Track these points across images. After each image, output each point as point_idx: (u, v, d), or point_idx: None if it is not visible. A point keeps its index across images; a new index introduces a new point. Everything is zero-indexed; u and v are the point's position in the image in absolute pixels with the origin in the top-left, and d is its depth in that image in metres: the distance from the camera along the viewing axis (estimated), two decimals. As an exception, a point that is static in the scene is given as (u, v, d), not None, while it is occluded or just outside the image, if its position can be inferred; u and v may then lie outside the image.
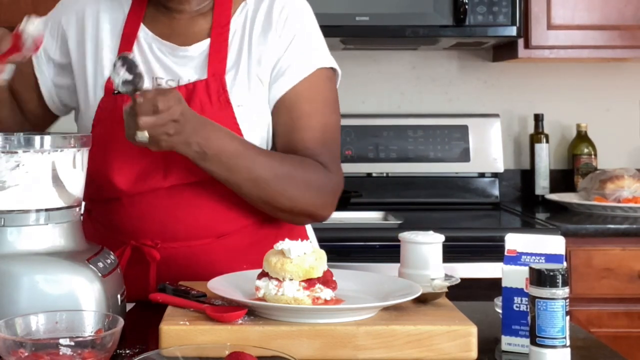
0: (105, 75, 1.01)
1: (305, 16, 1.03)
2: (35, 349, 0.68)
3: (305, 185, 0.97)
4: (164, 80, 1.00)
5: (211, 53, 0.99)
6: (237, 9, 1.02)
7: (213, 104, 0.97)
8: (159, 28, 1.03)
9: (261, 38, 1.00)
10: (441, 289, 0.84)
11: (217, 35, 1.00)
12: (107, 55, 1.02)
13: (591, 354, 0.79)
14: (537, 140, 2.11)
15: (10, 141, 0.78)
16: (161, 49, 1.01)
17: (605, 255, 1.70)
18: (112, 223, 1.02)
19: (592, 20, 1.92)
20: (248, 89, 0.99)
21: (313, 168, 0.98)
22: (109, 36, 1.03)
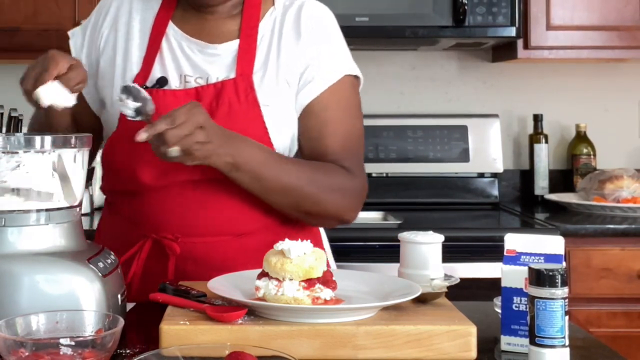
0: (133, 72, 1.03)
1: (330, 25, 1.08)
2: (36, 349, 0.68)
3: (330, 190, 1.00)
4: (192, 77, 1.02)
5: (240, 53, 1.01)
6: (265, 13, 1.05)
7: (241, 103, 0.99)
8: (189, 27, 1.04)
9: (290, 44, 1.03)
10: (441, 289, 0.84)
11: (246, 37, 1.02)
12: (136, 53, 1.04)
13: (590, 353, 0.79)
14: (537, 141, 2.12)
15: (10, 141, 0.79)
16: (190, 47, 1.03)
17: (604, 255, 1.70)
18: (134, 216, 1.02)
19: (591, 20, 1.93)
20: (275, 90, 1.01)
21: (337, 173, 1.01)
22: (139, 34, 1.04)
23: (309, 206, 1.00)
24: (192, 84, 1.01)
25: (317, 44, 1.04)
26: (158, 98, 0.99)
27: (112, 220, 1.07)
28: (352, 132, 1.05)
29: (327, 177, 1.01)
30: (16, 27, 1.89)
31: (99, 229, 1.12)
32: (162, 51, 1.03)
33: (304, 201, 0.99)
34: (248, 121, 0.98)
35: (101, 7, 1.10)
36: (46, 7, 1.89)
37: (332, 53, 1.05)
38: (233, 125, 0.98)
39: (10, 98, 2.10)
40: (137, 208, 1.02)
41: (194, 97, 0.99)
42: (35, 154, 0.79)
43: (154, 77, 1.02)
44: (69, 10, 1.89)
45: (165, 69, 1.03)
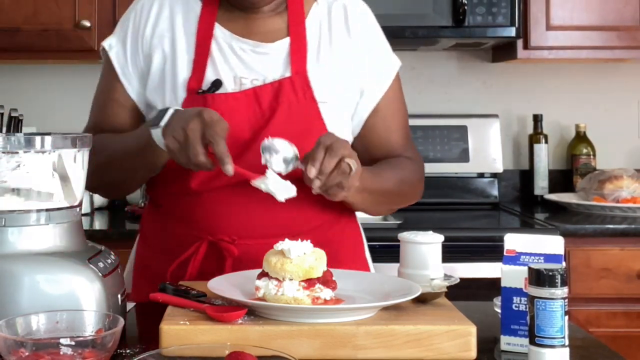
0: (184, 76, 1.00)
1: (374, 20, 1.09)
2: (36, 349, 0.68)
3: (412, 184, 1.08)
4: (247, 79, 1.00)
5: (292, 51, 1.01)
6: (309, 9, 1.05)
7: (299, 102, 0.99)
8: (236, 27, 1.03)
9: (341, 41, 1.04)
10: (440, 289, 0.84)
11: (296, 34, 1.02)
12: (184, 57, 1.01)
13: (590, 353, 0.79)
14: (536, 141, 2.12)
15: (10, 141, 0.79)
16: (241, 47, 1.02)
17: (604, 255, 1.70)
18: (189, 217, 1.01)
19: (590, 21, 1.93)
20: (331, 86, 1.02)
21: (410, 166, 1.08)
22: (184, 38, 1.02)
23: (398, 203, 1.07)
24: (248, 85, 1.00)
25: (370, 43, 1.06)
26: (220, 102, 0.98)
27: (162, 221, 1.05)
28: (406, 119, 1.11)
29: (408, 173, 1.06)
30: (16, 27, 1.89)
31: (144, 230, 1.10)
32: (212, 53, 1.01)
33: (396, 200, 1.06)
34: (308, 120, 0.99)
35: (138, 12, 1.05)
36: (46, 7, 1.89)
37: (385, 51, 1.08)
38: (294, 124, 0.98)
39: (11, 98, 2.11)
40: (191, 210, 1.01)
41: (252, 98, 0.99)
42: (36, 154, 0.79)
43: (207, 80, 1.00)
44: (69, 10, 1.89)
45: (218, 71, 1.01)
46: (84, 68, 2.13)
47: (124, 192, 1.11)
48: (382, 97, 1.06)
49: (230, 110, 0.97)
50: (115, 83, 1.05)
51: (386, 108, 1.07)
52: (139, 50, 1.04)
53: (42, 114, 2.12)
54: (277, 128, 0.97)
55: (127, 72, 1.04)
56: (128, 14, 1.07)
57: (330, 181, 0.88)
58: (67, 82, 2.15)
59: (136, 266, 1.09)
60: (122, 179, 1.03)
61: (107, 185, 1.06)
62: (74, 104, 2.14)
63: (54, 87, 2.15)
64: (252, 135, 0.98)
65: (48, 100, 2.15)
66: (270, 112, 0.98)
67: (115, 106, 1.05)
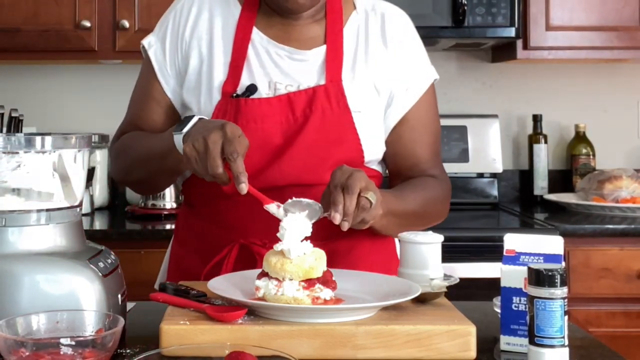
0: (220, 79, 1.00)
1: (413, 31, 1.09)
2: (36, 349, 0.68)
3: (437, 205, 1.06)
4: (282, 85, 1.01)
5: (328, 59, 1.01)
6: (348, 18, 1.05)
7: (333, 110, 0.99)
8: (274, 33, 1.03)
9: (378, 51, 1.03)
10: (440, 289, 0.85)
11: (333, 42, 1.02)
12: (220, 59, 1.01)
13: (589, 353, 0.79)
14: (536, 141, 2.12)
15: (11, 142, 0.79)
16: (278, 53, 1.02)
17: (603, 255, 1.71)
18: (221, 220, 1.02)
19: (590, 21, 1.93)
20: (365, 96, 1.02)
21: (435, 186, 1.06)
22: (222, 41, 1.02)
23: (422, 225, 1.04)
24: (282, 91, 1.00)
25: (406, 53, 1.05)
26: (254, 107, 0.98)
27: (196, 222, 1.06)
28: (437, 136, 1.10)
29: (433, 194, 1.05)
30: (17, 28, 1.89)
31: (179, 230, 1.10)
32: (248, 58, 1.01)
33: (420, 222, 1.04)
34: (342, 128, 0.98)
35: (178, 12, 1.05)
36: (46, 8, 1.89)
37: (420, 61, 1.07)
38: (327, 132, 0.98)
39: (11, 98, 2.11)
40: (224, 213, 1.01)
41: (286, 104, 0.99)
42: (36, 154, 0.79)
43: (242, 84, 1.00)
44: (69, 10, 1.89)
45: (253, 75, 1.01)
46: (84, 68, 2.13)
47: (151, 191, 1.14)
48: (411, 108, 1.05)
49: (263, 115, 0.97)
50: (153, 81, 1.05)
51: (415, 120, 1.05)
52: (178, 50, 1.04)
53: (43, 114, 2.12)
54: (310, 135, 0.97)
55: (165, 71, 1.04)
56: (168, 14, 1.07)
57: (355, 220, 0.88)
58: (67, 82, 2.15)
59: (171, 265, 1.10)
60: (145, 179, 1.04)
61: (134, 183, 1.07)
62: (74, 104, 2.14)
63: (54, 88, 2.15)
64: (284, 141, 0.98)
65: (48, 100, 2.15)
66: (303, 119, 0.98)
67: (153, 104, 1.05)
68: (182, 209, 1.12)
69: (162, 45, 1.05)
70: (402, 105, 1.05)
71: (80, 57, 1.94)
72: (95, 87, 2.15)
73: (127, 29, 1.89)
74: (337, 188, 0.87)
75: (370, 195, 0.87)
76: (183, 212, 1.12)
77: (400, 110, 1.05)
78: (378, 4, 1.08)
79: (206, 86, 1.01)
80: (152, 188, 1.11)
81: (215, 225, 1.03)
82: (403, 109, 1.05)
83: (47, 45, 1.89)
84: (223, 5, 1.05)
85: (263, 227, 0.97)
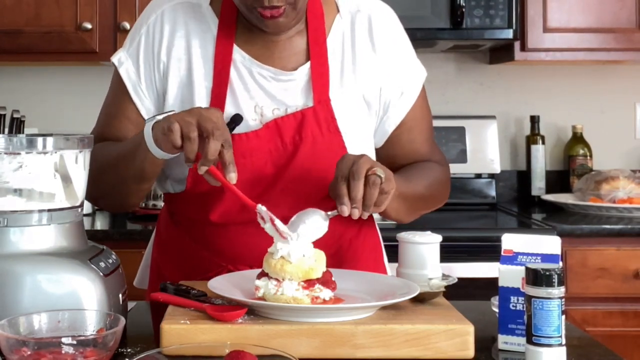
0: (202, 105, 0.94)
1: (400, 30, 1.04)
2: (38, 348, 0.68)
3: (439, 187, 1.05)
4: (269, 109, 0.95)
5: (314, 76, 0.95)
6: (332, 24, 0.98)
7: (324, 135, 0.95)
8: (255, 50, 0.96)
9: (366, 58, 0.99)
10: (439, 289, 0.85)
11: (317, 57, 0.96)
12: (202, 84, 0.95)
13: (586, 352, 0.80)
14: (533, 142, 2.13)
15: (13, 142, 0.79)
16: (262, 74, 0.95)
17: (600, 255, 1.71)
18: (209, 245, 0.98)
19: (587, 23, 1.94)
20: (354, 109, 0.98)
21: (437, 170, 1.06)
22: (201, 62, 0.95)
23: (426, 208, 1.04)
24: (269, 115, 0.94)
25: (397, 55, 1.01)
26: (241, 142, 0.91)
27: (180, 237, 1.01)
28: (431, 127, 1.08)
29: (435, 177, 1.04)
30: (18, 30, 1.89)
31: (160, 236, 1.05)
32: (231, 81, 0.95)
33: (424, 205, 1.03)
34: (333, 154, 0.92)
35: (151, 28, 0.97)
36: (48, 10, 1.90)
37: (411, 61, 1.04)
38: (318, 159, 0.93)
39: (13, 99, 2.11)
40: (211, 239, 0.97)
41: (275, 131, 0.93)
42: (38, 155, 0.80)
43: (227, 113, 0.93)
44: (70, 12, 1.89)
45: (237, 100, 0.95)
46: (85, 70, 2.13)
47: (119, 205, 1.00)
48: (407, 112, 1.02)
49: (251, 149, 0.92)
50: (125, 100, 0.98)
51: (412, 120, 1.03)
52: (154, 71, 0.97)
53: (44, 115, 2.12)
54: (301, 165, 0.93)
55: (140, 91, 0.97)
56: (139, 28, 0.99)
57: (367, 201, 0.84)
58: (69, 83, 2.15)
59: (152, 271, 1.07)
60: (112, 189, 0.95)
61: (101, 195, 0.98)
62: (75, 105, 2.14)
63: (55, 89, 2.16)
64: (275, 170, 0.93)
65: (50, 101, 2.15)
66: (293, 147, 0.93)
67: (125, 121, 0.98)
68: (164, 214, 1.06)
69: (136, 64, 0.97)
70: (399, 111, 1.02)
71: (82, 59, 1.94)
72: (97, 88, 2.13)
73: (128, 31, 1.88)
74: (341, 179, 0.84)
75: (379, 172, 0.84)
76: (164, 218, 1.05)
77: (398, 116, 1.02)
78: (363, 5, 1.00)
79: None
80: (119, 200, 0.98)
81: (201, 246, 0.99)
82: (401, 115, 1.02)
83: (48, 46, 1.89)
84: (199, 19, 0.96)
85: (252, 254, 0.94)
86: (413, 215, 1.03)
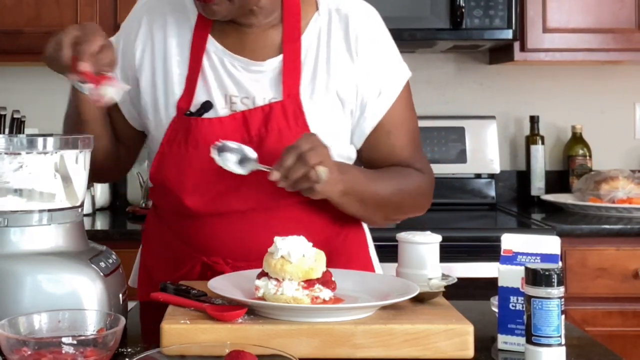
0: (176, 93, 0.97)
1: (381, 30, 1.02)
2: (38, 348, 0.68)
3: (413, 194, 1.03)
4: (238, 97, 0.96)
5: (285, 70, 0.96)
6: (309, 21, 0.99)
7: (291, 128, 0.95)
8: (229, 41, 0.98)
9: (341, 59, 0.98)
10: (438, 289, 0.85)
11: (290, 52, 0.96)
12: (176, 71, 0.98)
13: (586, 352, 0.80)
14: (533, 142, 2.13)
15: (13, 143, 0.79)
16: (233, 64, 0.97)
17: (599, 255, 1.72)
18: (185, 237, 1.00)
19: (587, 23, 1.94)
20: (325, 107, 0.97)
21: (415, 177, 1.03)
22: (177, 50, 0.98)
23: (395, 213, 1.02)
24: (238, 105, 0.96)
25: (375, 58, 0.99)
26: (204, 127, 0.94)
27: (163, 233, 1.04)
28: (415, 132, 1.05)
29: (409, 183, 1.02)
30: (19, 30, 1.89)
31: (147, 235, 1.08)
32: (204, 69, 0.97)
33: (392, 210, 1.02)
34: None
35: (131, 20, 1.02)
36: (48, 10, 1.90)
37: (391, 63, 1.01)
38: None
39: (14, 99, 2.11)
40: (187, 231, 0.99)
41: (241, 123, 0.95)
42: (38, 155, 0.80)
43: (197, 100, 0.96)
44: (70, 12, 1.90)
45: (209, 88, 0.97)
46: (83, 69, 2.13)
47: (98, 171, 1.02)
48: (386, 113, 1.00)
49: (216, 136, 0.92)
50: None
51: (390, 124, 1.00)
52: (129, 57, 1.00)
53: (45, 116, 2.12)
54: (266, 156, 0.92)
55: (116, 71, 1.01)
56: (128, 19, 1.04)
57: (295, 185, 0.86)
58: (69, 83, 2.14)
59: (141, 267, 1.09)
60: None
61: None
62: (73, 105, 2.14)
63: (56, 89, 2.14)
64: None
65: (50, 101, 2.15)
66: (258, 139, 0.94)
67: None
68: (151, 213, 1.09)
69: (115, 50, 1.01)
70: (375, 112, 0.99)
71: (81, 59, 1.94)
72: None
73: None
74: (291, 152, 0.86)
75: (322, 171, 0.85)
76: (151, 217, 1.08)
77: (375, 118, 1.00)
78: (343, 3, 1.00)
79: (163, 102, 0.98)
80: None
81: (179, 240, 1.01)
82: (377, 116, 1.00)
83: (49, 47, 1.89)
84: (180, 9, 1.00)
85: (225, 247, 0.96)
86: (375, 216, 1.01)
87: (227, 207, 0.95)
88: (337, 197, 0.93)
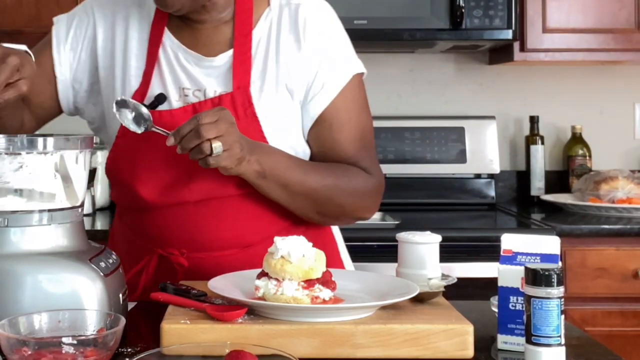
0: (132, 85, 1.00)
1: (330, 23, 1.02)
2: (38, 348, 0.68)
3: (351, 192, 1.01)
4: (190, 90, 0.99)
5: (235, 64, 0.98)
6: (260, 16, 1.01)
7: (240, 119, 0.96)
8: (184, 37, 1.01)
9: (289, 50, 0.99)
10: (438, 289, 0.85)
11: (240, 46, 0.99)
12: (134, 64, 1.00)
13: (585, 352, 0.80)
14: (533, 142, 2.13)
15: (13, 143, 0.79)
16: (187, 58, 1.00)
17: (599, 255, 1.72)
18: (140, 230, 1.02)
19: (586, 23, 1.94)
20: (275, 99, 0.99)
21: (356, 175, 1.01)
22: (136, 44, 1.01)
23: (329, 209, 1.01)
24: (191, 97, 0.99)
25: (320, 49, 1.00)
26: (155, 118, 0.95)
27: (123, 231, 1.07)
28: (364, 131, 1.04)
29: (347, 180, 1.00)
30: (19, 30, 1.89)
31: (112, 237, 1.12)
32: (160, 62, 1.00)
33: (325, 205, 1.00)
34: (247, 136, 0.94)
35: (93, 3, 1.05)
36: (48, 10, 1.89)
37: (337, 55, 1.01)
38: None
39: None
40: (142, 223, 1.01)
41: (191, 114, 0.96)
42: (38, 155, 0.80)
43: (152, 93, 0.99)
44: (69, 12, 1.90)
45: (164, 81, 1.00)
46: (82, 69, 2.13)
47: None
48: (328, 106, 0.99)
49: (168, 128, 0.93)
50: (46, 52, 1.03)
51: (333, 118, 1.00)
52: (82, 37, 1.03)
53: (41, 115, 2.12)
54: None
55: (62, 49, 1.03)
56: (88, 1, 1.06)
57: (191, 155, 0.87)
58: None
59: None
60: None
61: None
62: (72, 105, 2.14)
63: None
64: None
65: (47, 101, 2.15)
66: None
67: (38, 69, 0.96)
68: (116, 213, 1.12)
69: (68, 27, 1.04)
70: (317, 104, 0.99)
71: (80, 59, 1.94)
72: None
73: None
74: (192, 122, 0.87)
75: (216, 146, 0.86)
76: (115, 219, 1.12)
77: (317, 109, 0.99)
78: None
79: (120, 93, 1.00)
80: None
81: (136, 235, 1.03)
82: (319, 107, 0.99)
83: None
84: (141, 4, 1.02)
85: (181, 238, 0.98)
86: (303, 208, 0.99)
87: (179, 198, 0.97)
88: (253, 178, 0.93)
